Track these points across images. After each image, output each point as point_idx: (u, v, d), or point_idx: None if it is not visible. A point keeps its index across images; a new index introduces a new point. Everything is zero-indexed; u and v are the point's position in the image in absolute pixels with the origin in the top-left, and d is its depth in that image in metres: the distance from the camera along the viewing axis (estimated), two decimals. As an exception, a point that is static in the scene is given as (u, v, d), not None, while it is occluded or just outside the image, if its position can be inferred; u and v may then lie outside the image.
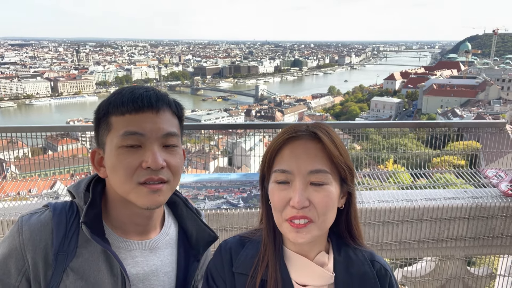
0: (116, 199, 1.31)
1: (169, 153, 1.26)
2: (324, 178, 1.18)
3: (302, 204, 1.16)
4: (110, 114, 1.24)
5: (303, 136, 1.22)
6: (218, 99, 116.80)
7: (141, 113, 1.22)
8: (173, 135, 1.27)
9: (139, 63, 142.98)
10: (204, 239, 1.48)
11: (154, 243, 1.38)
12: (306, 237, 1.20)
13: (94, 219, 1.26)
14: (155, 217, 1.39)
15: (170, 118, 1.28)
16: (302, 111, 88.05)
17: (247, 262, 1.33)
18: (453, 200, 3.21)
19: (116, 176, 1.23)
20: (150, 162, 1.20)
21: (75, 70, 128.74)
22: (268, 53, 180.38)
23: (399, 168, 4.35)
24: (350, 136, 4.20)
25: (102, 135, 1.26)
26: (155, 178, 1.22)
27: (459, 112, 63.83)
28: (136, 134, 1.20)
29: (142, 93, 1.24)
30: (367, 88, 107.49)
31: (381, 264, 1.35)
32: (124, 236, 1.33)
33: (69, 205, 1.32)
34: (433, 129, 3.72)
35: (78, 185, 1.36)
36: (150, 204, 1.25)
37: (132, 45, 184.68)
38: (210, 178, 3.22)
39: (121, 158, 1.21)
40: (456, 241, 3.25)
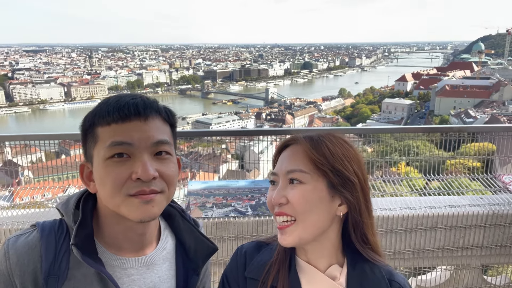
0: (108, 215, 1.24)
1: (161, 162, 1.19)
2: (300, 177, 1.22)
3: (278, 201, 1.23)
4: (96, 125, 1.17)
5: (293, 142, 1.30)
6: (228, 102, 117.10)
7: (128, 121, 1.15)
8: (165, 143, 1.20)
9: (150, 68, 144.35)
10: (203, 251, 1.41)
11: (150, 259, 1.31)
12: (288, 239, 1.23)
13: (85, 239, 1.19)
14: (150, 231, 1.32)
15: (160, 126, 1.21)
16: (313, 114, 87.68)
17: (260, 267, 1.35)
18: (468, 207, 3.11)
19: (104, 190, 1.16)
20: (140, 173, 1.12)
21: (88, 75, 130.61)
22: (278, 56, 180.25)
23: (412, 171, 4.26)
24: (361, 138, 4.13)
25: (89, 147, 1.20)
26: (147, 190, 1.15)
27: (473, 113, 62.78)
28: (124, 144, 1.14)
29: (128, 101, 1.17)
30: (378, 90, 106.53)
31: (400, 285, 1.30)
32: (118, 253, 1.26)
33: (58, 224, 1.24)
34: (447, 134, 3.63)
35: (67, 203, 1.28)
36: (143, 216, 1.17)
37: (143, 50, 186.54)
38: (218, 186, 3.18)
39: (109, 170, 1.14)
40: (472, 250, 3.14)
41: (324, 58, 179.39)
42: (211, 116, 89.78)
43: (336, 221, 1.28)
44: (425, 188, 3.61)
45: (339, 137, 1.29)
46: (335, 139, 1.27)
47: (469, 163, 3.95)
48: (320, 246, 1.28)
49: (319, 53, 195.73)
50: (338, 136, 1.29)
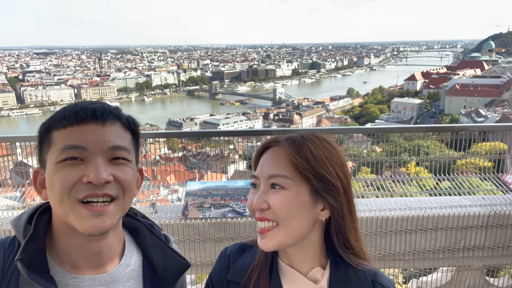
0: (61, 228, 1.15)
1: (117, 166, 1.12)
2: (282, 182, 1.19)
3: (259, 206, 1.20)
4: (51, 129, 1.12)
5: (275, 144, 1.26)
6: (236, 103, 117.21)
7: (84, 124, 1.10)
8: (122, 149, 1.13)
9: (159, 69, 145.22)
10: (173, 268, 1.31)
11: (111, 277, 1.20)
12: (268, 244, 1.21)
13: (35, 254, 1.09)
14: (110, 245, 1.21)
15: (119, 132, 1.15)
16: (321, 114, 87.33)
17: (242, 270, 1.34)
18: (469, 208, 3.06)
19: (53, 194, 1.09)
20: (92, 176, 1.05)
21: (97, 77, 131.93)
22: (285, 56, 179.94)
23: (422, 171, 4.20)
24: (370, 138, 4.10)
25: (44, 152, 1.14)
26: (99, 193, 1.07)
27: (483, 113, 61.92)
28: (77, 148, 1.08)
29: (86, 106, 1.13)
30: (387, 89, 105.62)
31: (383, 286, 1.27)
32: (74, 271, 1.16)
33: (9, 241, 1.15)
34: (457, 134, 3.58)
35: (19, 218, 1.19)
36: (92, 230, 1.08)
37: (151, 51, 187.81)
38: (216, 186, 3.18)
39: (59, 173, 1.07)
40: (473, 251, 3.10)
41: (332, 57, 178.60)
42: (219, 116, 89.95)
43: (318, 225, 1.25)
44: (435, 188, 3.56)
45: (322, 138, 1.26)
46: (318, 141, 1.24)
47: (480, 163, 3.88)
48: (302, 250, 1.27)
49: (327, 52, 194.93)
50: (321, 137, 1.26)
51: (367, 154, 4.29)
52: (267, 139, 1.32)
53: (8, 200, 3.79)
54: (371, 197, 3.43)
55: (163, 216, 2.96)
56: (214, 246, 2.94)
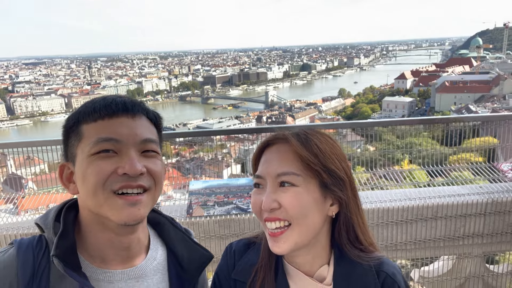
0: (91, 222, 1.16)
1: (148, 159, 1.14)
2: (292, 179, 1.16)
3: (270, 206, 1.15)
4: (80, 123, 1.13)
5: (279, 141, 1.22)
6: (228, 107, 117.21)
7: (116, 117, 1.12)
8: (152, 142, 1.16)
9: (150, 76, 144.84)
10: (197, 260, 1.33)
11: (140, 271, 1.22)
12: (283, 246, 1.17)
13: (67, 251, 1.10)
14: (139, 239, 1.23)
15: (147, 125, 1.18)
16: (313, 115, 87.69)
17: (246, 269, 1.32)
18: (467, 196, 3.14)
19: (86, 187, 1.09)
20: (128, 167, 1.07)
21: (88, 85, 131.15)
22: (276, 59, 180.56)
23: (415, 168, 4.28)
24: (363, 137, 4.15)
25: (72, 146, 1.14)
26: (134, 184, 1.09)
27: (474, 108, 62.63)
28: (111, 140, 1.09)
29: (115, 99, 1.15)
30: (377, 88, 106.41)
31: (387, 274, 1.25)
32: (104, 266, 1.18)
33: (37, 240, 1.17)
34: (448, 126, 3.65)
35: (46, 216, 1.20)
36: (128, 219, 1.10)
37: (142, 58, 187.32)
38: (219, 184, 3.22)
39: (93, 165, 1.08)
40: (473, 238, 3.17)
41: (322, 59, 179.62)
42: (212, 121, 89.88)
43: (327, 221, 1.25)
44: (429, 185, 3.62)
45: (323, 133, 1.25)
46: (321, 136, 1.23)
47: (471, 158, 3.96)
48: (311, 249, 1.24)
49: (317, 54, 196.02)
50: (323, 133, 1.25)
51: (361, 153, 4.35)
52: (268, 136, 1.27)
53: (1, 213, 3.78)
54: (367, 189, 3.48)
55: (168, 215, 2.98)
56: (220, 243, 2.97)
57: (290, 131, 1.25)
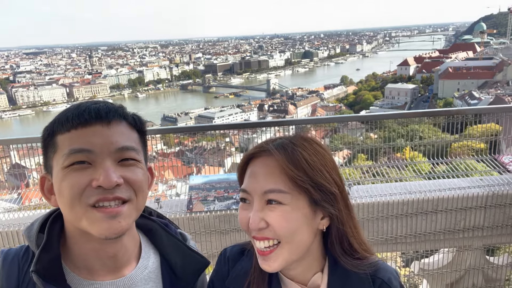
0: (75, 233, 1.11)
1: (126, 168, 1.08)
2: (280, 198, 1.10)
3: (257, 226, 1.10)
4: (55, 134, 1.08)
5: (264, 153, 1.15)
6: (230, 95, 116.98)
7: (89, 126, 1.05)
8: (130, 149, 1.09)
9: (151, 64, 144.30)
10: (192, 267, 1.28)
11: (129, 281, 1.17)
12: (273, 265, 1.13)
13: (50, 264, 1.06)
14: (126, 248, 1.18)
15: (125, 131, 1.11)
16: (315, 103, 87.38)
17: (240, 277, 1.30)
18: (468, 189, 3.13)
19: (63, 200, 1.05)
20: (102, 179, 1.01)
21: (89, 75, 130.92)
22: (278, 46, 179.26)
23: (417, 155, 4.27)
24: (365, 125, 4.13)
25: (49, 158, 1.10)
26: (110, 197, 1.03)
27: (477, 95, 62.22)
28: (84, 151, 1.03)
29: (89, 106, 1.08)
30: (380, 75, 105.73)
31: (383, 280, 1.22)
32: (90, 277, 1.13)
33: (24, 251, 1.13)
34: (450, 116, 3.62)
35: (30, 227, 1.16)
36: (108, 232, 1.04)
37: (142, 46, 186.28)
38: (219, 179, 3.22)
39: (67, 179, 1.03)
40: (473, 231, 3.17)
41: (324, 46, 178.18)
42: (214, 110, 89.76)
43: (318, 234, 1.21)
44: (430, 173, 3.61)
45: (311, 140, 1.18)
46: (309, 145, 1.16)
47: (474, 145, 3.94)
48: (302, 262, 1.21)
49: (319, 41, 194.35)
50: (311, 140, 1.18)
51: (363, 141, 4.33)
52: (253, 148, 1.20)
53: (5, 203, 3.81)
54: (370, 183, 3.48)
55: (168, 211, 3.00)
56: (220, 238, 2.98)
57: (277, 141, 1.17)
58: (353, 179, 3.52)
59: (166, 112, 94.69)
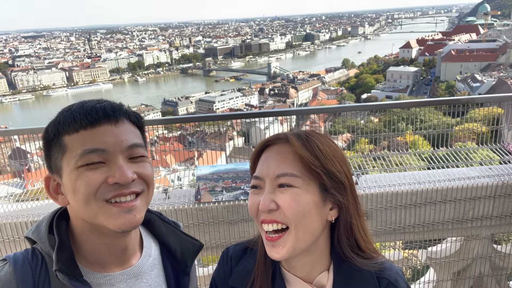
0: (85, 231, 1.16)
1: (137, 164, 1.13)
2: (292, 181, 1.11)
3: (268, 207, 1.11)
4: (61, 134, 1.08)
5: (279, 141, 1.18)
6: (231, 79, 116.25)
7: (98, 126, 1.08)
8: (139, 146, 1.14)
9: (150, 48, 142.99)
10: (189, 250, 1.38)
11: (137, 269, 1.25)
12: (281, 251, 1.13)
13: (68, 262, 1.10)
14: (133, 240, 1.25)
15: (131, 129, 1.15)
16: (316, 87, 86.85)
17: (243, 276, 1.30)
18: (477, 179, 3.10)
19: (77, 198, 1.08)
20: (118, 176, 1.06)
21: (88, 58, 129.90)
22: (278, 29, 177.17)
23: (419, 139, 4.23)
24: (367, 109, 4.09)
25: (56, 158, 1.11)
26: (127, 192, 1.08)
27: (480, 78, 61.77)
28: (98, 151, 1.06)
29: (94, 105, 1.10)
30: (382, 58, 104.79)
31: (389, 281, 1.21)
32: (103, 270, 1.19)
33: (31, 254, 1.15)
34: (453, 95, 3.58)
35: (37, 229, 1.18)
36: (125, 226, 1.10)
37: (142, 29, 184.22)
38: (226, 169, 3.20)
39: (82, 177, 1.06)
40: (481, 221, 3.16)
41: (326, 28, 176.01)
42: (214, 94, 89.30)
43: (326, 227, 1.20)
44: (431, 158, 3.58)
45: (324, 135, 1.21)
46: (323, 138, 1.18)
47: (476, 128, 3.90)
48: (309, 255, 1.20)
49: (320, 23, 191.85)
50: (324, 135, 1.21)
51: (364, 125, 4.30)
52: (267, 137, 1.22)
53: (9, 187, 3.82)
54: (374, 172, 3.46)
55: (176, 202, 2.99)
56: (228, 228, 2.98)
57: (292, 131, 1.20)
58: (353, 163, 3.49)
59: (167, 96, 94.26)
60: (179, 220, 2.92)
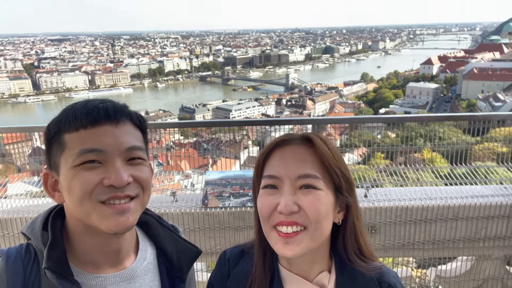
0: (80, 229, 1.15)
1: (134, 166, 1.12)
2: (315, 182, 1.11)
3: (290, 209, 1.09)
4: (62, 132, 1.09)
5: (294, 141, 1.18)
6: (248, 88, 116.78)
7: (98, 126, 1.07)
8: (137, 149, 1.13)
9: (171, 55, 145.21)
10: (186, 257, 1.35)
11: (131, 272, 1.23)
12: (296, 249, 1.11)
13: (59, 260, 1.09)
14: (128, 242, 1.24)
15: (132, 131, 1.14)
16: (334, 99, 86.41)
17: (241, 278, 1.29)
18: (491, 197, 3.03)
19: (72, 197, 1.08)
20: (114, 178, 1.05)
21: (111, 63, 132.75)
22: (298, 41, 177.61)
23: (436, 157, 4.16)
24: (384, 124, 4.04)
25: (55, 156, 1.11)
26: (121, 195, 1.08)
27: (502, 97, 60.35)
28: (95, 151, 1.06)
29: (97, 105, 1.10)
30: (402, 73, 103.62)
31: (390, 284, 1.23)
32: (95, 271, 1.17)
33: (25, 249, 1.14)
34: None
35: (32, 225, 1.18)
36: (117, 228, 1.09)
37: (164, 37, 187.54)
38: (235, 175, 3.21)
39: (78, 177, 1.06)
40: (494, 241, 3.07)
41: (346, 42, 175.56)
42: (231, 102, 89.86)
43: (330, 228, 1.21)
44: (449, 175, 3.51)
45: (327, 138, 1.21)
46: (328, 140, 1.18)
47: (496, 148, 3.81)
48: (312, 255, 1.20)
49: (341, 37, 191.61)
50: (327, 137, 1.21)
51: (381, 139, 4.25)
52: (279, 136, 1.22)
53: (27, 185, 3.91)
54: (388, 186, 3.41)
55: (184, 205, 3.01)
56: (234, 234, 2.98)
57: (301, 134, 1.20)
58: (368, 176, 3.45)
59: (185, 102, 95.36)
60: (185, 223, 2.94)
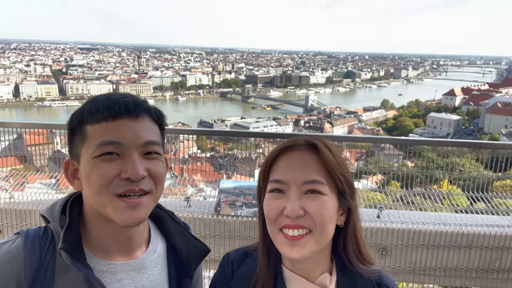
0: (95, 217, 1.21)
1: (150, 161, 1.17)
2: (320, 188, 1.16)
3: (296, 213, 1.13)
4: (84, 123, 1.15)
5: (299, 147, 1.22)
6: (267, 107, 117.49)
7: (118, 120, 1.13)
8: (154, 144, 1.18)
9: (194, 70, 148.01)
10: (195, 253, 1.39)
11: (141, 263, 1.28)
12: (302, 251, 1.15)
13: (73, 243, 1.15)
14: (139, 234, 1.29)
15: (150, 126, 1.19)
16: (352, 124, 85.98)
17: (245, 279, 1.31)
18: (507, 228, 2.97)
19: (90, 187, 1.14)
20: (130, 172, 1.11)
21: (136, 74, 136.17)
22: (320, 64, 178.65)
23: (455, 189, 4.10)
24: (402, 152, 4.02)
25: (77, 145, 1.17)
26: (136, 189, 1.13)
27: (526, 134, 58.86)
28: (114, 143, 1.12)
29: (118, 99, 1.16)
30: (423, 103, 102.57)
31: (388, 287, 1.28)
32: (107, 258, 1.23)
33: (43, 231, 1.20)
34: (495, 150, 3.46)
35: (52, 209, 1.25)
36: (129, 221, 1.15)
37: (188, 52, 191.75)
38: (249, 185, 3.24)
39: (97, 168, 1.11)
40: (509, 273, 3.00)
41: (368, 67, 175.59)
42: (250, 120, 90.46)
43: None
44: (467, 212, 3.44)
45: (332, 142, 1.25)
46: (332, 146, 1.23)
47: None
48: (316, 257, 1.24)
49: (363, 62, 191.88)
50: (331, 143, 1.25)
51: (398, 168, 4.22)
52: (284, 141, 1.26)
53: (44, 187, 4.01)
54: (402, 209, 3.38)
55: (197, 211, 3.05)
56: (244, 243, 2.98)
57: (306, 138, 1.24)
58: (385, 202, 3.43)
59: (204, 117, 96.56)
60: (196, 229, 2.97)
